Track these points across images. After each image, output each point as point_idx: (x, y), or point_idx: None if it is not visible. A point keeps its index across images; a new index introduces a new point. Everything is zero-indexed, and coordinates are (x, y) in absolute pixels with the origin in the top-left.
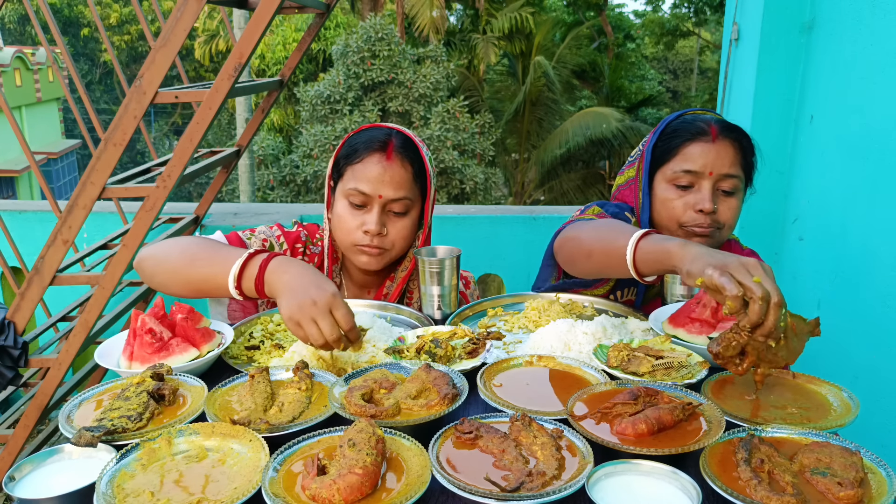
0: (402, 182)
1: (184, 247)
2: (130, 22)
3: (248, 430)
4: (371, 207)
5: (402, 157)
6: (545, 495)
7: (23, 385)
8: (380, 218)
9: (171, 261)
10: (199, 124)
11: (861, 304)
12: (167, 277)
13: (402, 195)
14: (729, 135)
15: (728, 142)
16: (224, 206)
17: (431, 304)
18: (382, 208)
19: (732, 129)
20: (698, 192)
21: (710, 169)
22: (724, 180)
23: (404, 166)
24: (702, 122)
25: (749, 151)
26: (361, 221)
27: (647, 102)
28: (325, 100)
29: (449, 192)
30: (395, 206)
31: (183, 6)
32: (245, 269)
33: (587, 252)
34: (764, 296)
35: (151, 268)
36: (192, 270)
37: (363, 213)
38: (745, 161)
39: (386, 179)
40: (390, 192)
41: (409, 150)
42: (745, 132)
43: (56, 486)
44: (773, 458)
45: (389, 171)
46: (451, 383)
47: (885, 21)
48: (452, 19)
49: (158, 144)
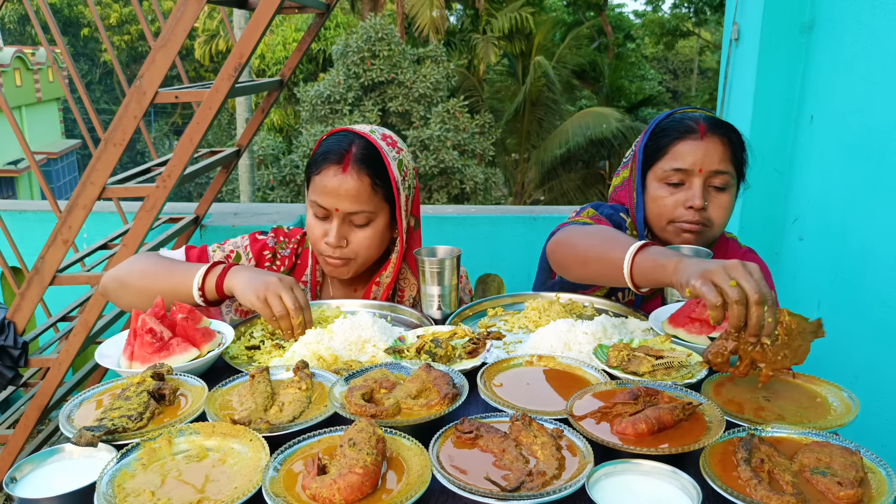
0: (359, 195)
1: (142, 267)
2: (130, 22)
3: (248, 430)
4: (331, 219)
5: (359, 168)
6: (545, 495)
7: (23, 385)
8: (339, 230)
9: (133, 282)
10: (199, 124)
11: (861, 304)
12: (133, 298)
13: (358, 209)
14: (717, 131)
15: (717, 138)
16: (224, 206)
17: (431, 304)
18: (342, 220)
19: (721, 125)
20: (689, 190)
21: (700, 166)
22: (715, 177)
23: (360, 178)
24: (690, 120)
25: (739, 147)
26: (324, 231)
27: (647, 102)
28: (325, 100)
29: (449, 192)
30: (355, 218)
31: (183, 6)
32: (207, 278)
33: (582, 259)
34: (739, 298)
35: (115, 291)
36: (155, 287)
37: (326, 224)
38: (735, 157)
39: (342, 193)
40: (347, 206)
41: (369, 160)
42: (734, 128)
43: (56, 486)
44: (773, 457)
45: (345, 185)
46: (451, 383)
47: (885, 21)
48: (452, 19)
49: (158, 144)
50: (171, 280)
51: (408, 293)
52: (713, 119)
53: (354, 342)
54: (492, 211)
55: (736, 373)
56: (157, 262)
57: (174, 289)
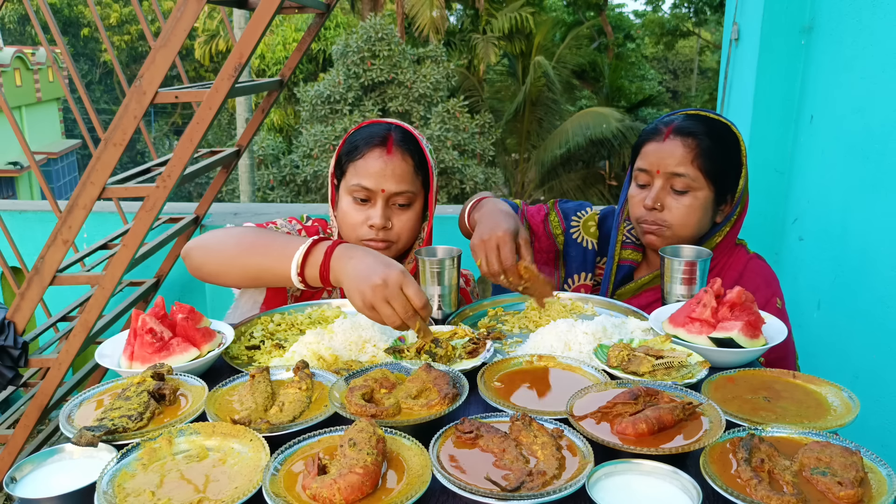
0: (404, 175)
1: (238, 236)
2: (130, 22)
3: (248, 430)
4: (375, 202)
5: (403, 150)
6: (545, 495)
7: (23, 385)
8: (384, 212)
9: (226, 250)
10: (199, 124)
11: (861, 304)
12: (218, 267)
13: (404, 188)
14: (682, 135)
15: (679, 141)
16: (224, 206)
17: (432, 304)
18: (386, 202)
19: (692, 130)
20: (649, 190)
21: (658, 167)
22: (674, 179)
23: (405, 159)
24: (663, 122)
25: (716, 153)
26: (366, 216)
27: (647, 102)
28: (325, 100)
29: (449, 192)
30: (399, 198)
31: (183, 6)
32: (309, 257)
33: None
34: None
35: (201, 257)
36: (249, 259)
37: (367, 208)
38: (704, 161)
39: (388, 173)
40: (392, 186)
41: (409, 143)
42: (715, 133)
43: (57, 486)
44: (773, 457)
45: (391, 165)
46: (451, 383)
47: (885, 21)
48: (452, 19)
49: (158, 144)
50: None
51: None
52: (689, 123)
53: (355, 342)
54: None
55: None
56: (255, 232)
57: (273, 265)
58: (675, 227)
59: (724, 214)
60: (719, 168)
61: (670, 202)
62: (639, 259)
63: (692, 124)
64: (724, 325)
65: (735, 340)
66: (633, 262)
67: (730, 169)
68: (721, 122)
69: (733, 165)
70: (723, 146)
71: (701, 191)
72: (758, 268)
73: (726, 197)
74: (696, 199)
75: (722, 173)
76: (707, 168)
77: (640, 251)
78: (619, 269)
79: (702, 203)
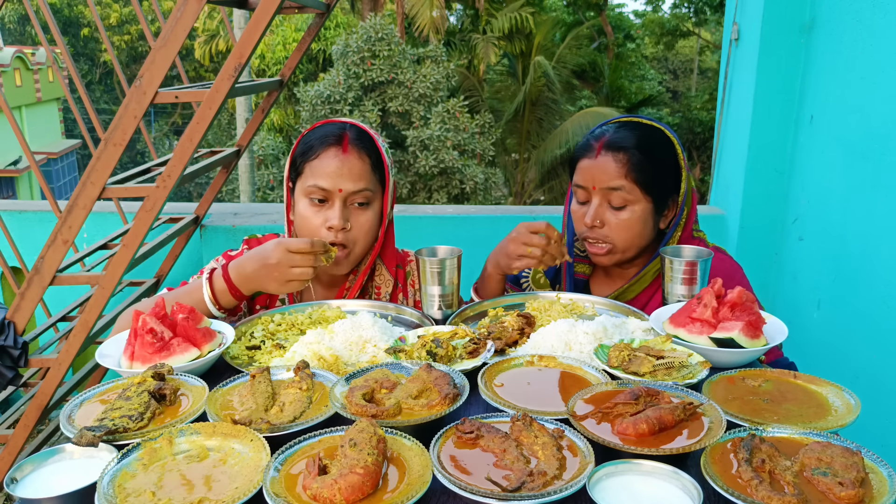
0: (362, 173)
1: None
2: (130, 22)
3: (249, 430)
4: (332, 203)
5: (359, 148)
6: (546, 495)
7: (23, 385)
8: (342, 213)
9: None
10: (199, 124)
11: (861, 304)
12: None
13: (362, 186)
14: (612, 150)
15: (610, 156)
16: (224, 206)
17: (432, 303)
18: (344, 202)
19: (622, 144)
20: (588, 206)
21: (593, 183)
22: (610, 194)
23: (361, 158)
24: (594, 138)
25: (647, 163)
26: (324, 218)
27: (647, 102)
28: (325, 100)
29: (449, 192)
30: (357, 197)
31: (183, 6)
32: (214, 287)
33: None
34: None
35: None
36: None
37: (325, 210)
38: (638, 173)
39: (344, 172)
40: (350, 185)
41: (365, 140)
42: (646, 142)
43: (57, 486)
44: (774, 457)
45: (347, 164)
46: (452, 383)
47: (886, 21)
48: (452, 19)
49: (158, 144)
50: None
51: (384, 290)
52: (618, 136)
53: (355, 342)
54: (492, 211)
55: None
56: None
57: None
58: (616, 241)
59: (667, 220)
60: (654, 177)
61: (609, 217)
62: (587, 272)
63: (621, 137)
64: (725, 326)
65: (736, 340)
66: (582, 276)
67: (666, 175)
68: (652, 126)
69: (669, 170)
70: (654, 154)
71: (638, 203)
72: (717, 262)
73: (667, 202)
74: (633, 212)
75: (657, 182)
76: (641, 180)
77: (589, 263)
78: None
79: (640, 216)
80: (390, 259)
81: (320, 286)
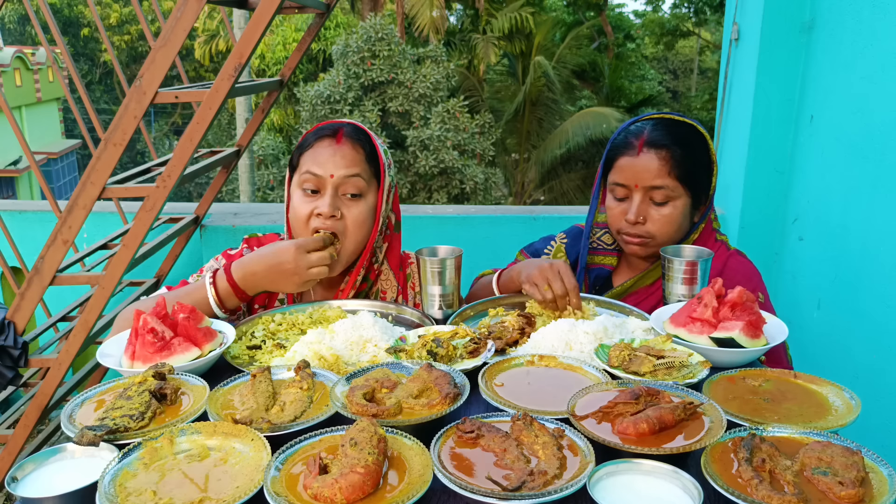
0: (354, 160)
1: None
2: (130, 22)
3: (249, 430)
4: (324, 192)
5: (353, 140)
6: (547, 494)
7: (23, 385)
8: (333, 201)
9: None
10: (199, 124)
11: (861, 304)
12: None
13: (353, 172)
14: (654, 147)
15: (653, 154)
16: (224, 206)
17: (433, 303)
18: (335, 191)
19: (664, 141)
20: (629, 203)
21: (636, 182)
22: (653, 191)
23: (355, 148)
24: (633, 136)
25: (688, 159)
26: (314, 206)
27: (647, 102)
28: (325, 100)
29: (449, 192)
30: (348, 186)
31: (183, 6)
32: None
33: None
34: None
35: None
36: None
37: (316, 199)
38: (679, 169)
39: (337, 159)
40: (341, 170)
41: (361, 134)
42: (684, 139)
43: (58, 486)
44: (774, 457)
45: (340, 152)
46: (452, 383)
47: (886, 21)
48: (452, 19)
49: (158, 144)
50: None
51: (389, 296)
52: (658, 133)
53: (356, 342)
54: (492, 211)
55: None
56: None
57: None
58: (658, 236)
59: (700, 214)
60: (694, 174)
61: (652, 213)
62: (614, 263)
63: (662, 135)
64: (725, 325)
65: (736, 340)
66: (607, 267)
67: (703, 171)
68: (688, 124)
69: (705, 167)
70: (694, 151)
71: (680, 199)
72: (738, 265)
73: (702, 198)
74: (675, 207)
75: (697, 178)
76: (683, 176)
77: (614, 255)
78: (594, 275)
79: (681, 211)
80: (396, 264)
81: (320, 287)
